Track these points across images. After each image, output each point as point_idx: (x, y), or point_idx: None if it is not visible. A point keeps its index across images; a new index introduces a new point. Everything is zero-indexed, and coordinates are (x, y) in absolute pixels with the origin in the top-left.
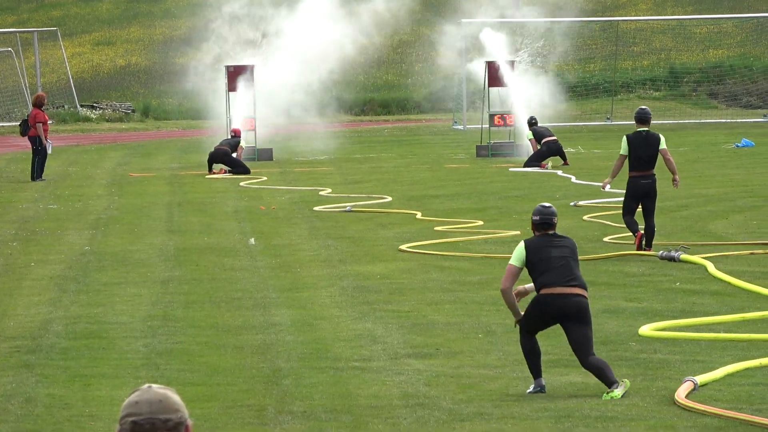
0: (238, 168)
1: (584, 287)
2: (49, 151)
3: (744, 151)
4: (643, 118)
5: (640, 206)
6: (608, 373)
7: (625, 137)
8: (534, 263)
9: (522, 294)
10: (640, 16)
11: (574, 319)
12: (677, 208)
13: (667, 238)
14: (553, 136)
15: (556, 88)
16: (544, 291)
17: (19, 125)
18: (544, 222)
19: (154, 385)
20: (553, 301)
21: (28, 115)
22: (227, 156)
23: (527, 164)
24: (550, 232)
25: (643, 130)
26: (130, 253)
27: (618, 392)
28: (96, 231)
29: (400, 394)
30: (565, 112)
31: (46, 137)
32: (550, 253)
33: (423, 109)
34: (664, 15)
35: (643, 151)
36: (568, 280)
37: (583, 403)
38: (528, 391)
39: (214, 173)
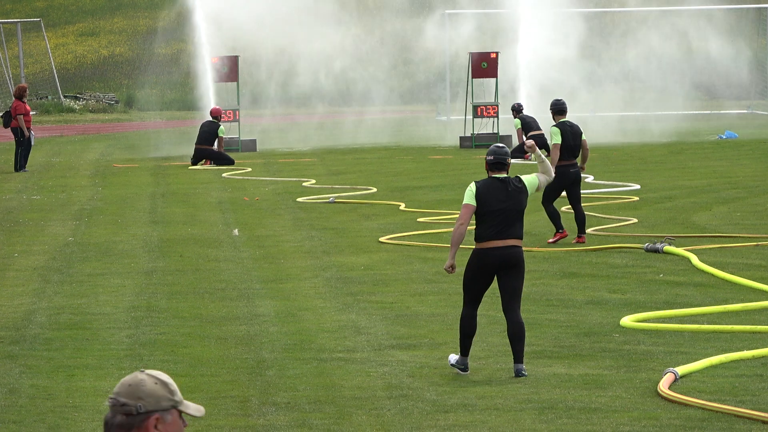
0: (223, 161)
1: (520, 237)
2: (32, 142)
3: (727, 143)
4: (563, 108)
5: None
6: (520, 347)
7: (556, 127)
8: (479, 208)
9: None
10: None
11: (508, 270)
12: (661, 200)
13: (651, 230)
14: (540, 130)
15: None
16: (479, 245)
17: (1, 116)
18: (497, 162)
19: (147, 370)
20: (490, 252)
21: (11, 107)
22: (211, 154)
23: (512, 155)
24: (502, 175)
25: (567, 121)
26: (114, 243)
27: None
28: (79, 222)
29: (384, 385)
30: None
31: (28, 128)
32: (492, 206)
33: (404, 100)
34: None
35: (571, 141)
36: (503, 233)
37: (566, 395)
38: (450, 362)
39: (208, 162)
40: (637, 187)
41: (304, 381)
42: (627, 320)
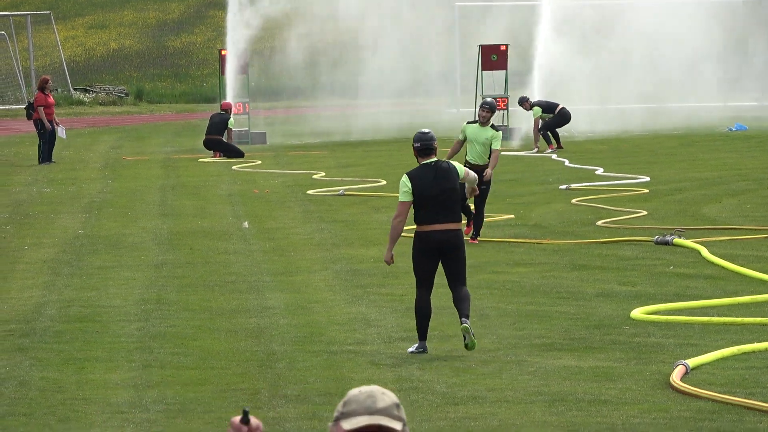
0: (232, 153)
1: (458, 220)
2: (62, 135)
3: (737, 135)
4: (494, 107)
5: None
6: (465, 306)
7: (465, 123)
8: (416, 196)
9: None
10: None
11: (449, 253)
12: (671, 192)
13: (661, 222)
14: (559, 105)
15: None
16: (419, 228)
17: (25, 109)
18: (425, 147)
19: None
20: (430, 235)
21: (34, 98)
22: (220, 144)
23: (542, 129)
24: (432, 160)
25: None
26: (124, 236)
27: (467, 326)
28: (89, 214)
29: (394, 377)
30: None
31: (50, 120)
32: (429, 190)
33: (414, 92)
34: None
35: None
36: (441, 217)
37: (576, 387)
38: (410, 350)
39: (218, 155)
40: (647, 179)
41: (314, 373)
42: (637, 312)
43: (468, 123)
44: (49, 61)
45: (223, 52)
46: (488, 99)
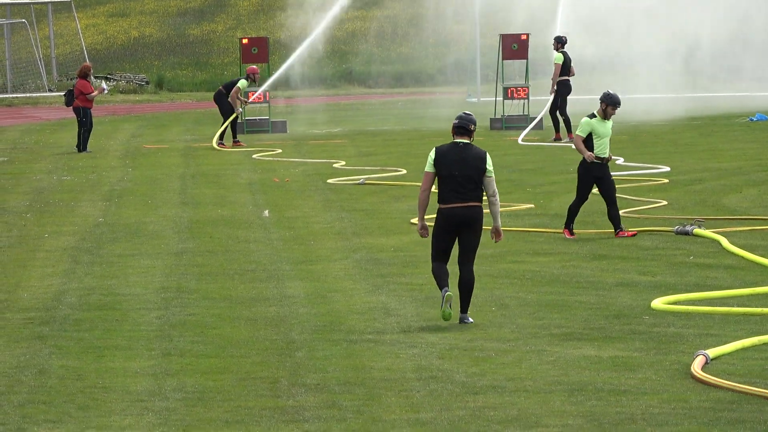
0: (223, 106)
1: (478, 200)
2: (105, 88)
3: (758, 125)
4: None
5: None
6: (466, 299)
7: (587, 118)
8: (439, 172)
9: None
10: None
11: (467, 228)
12: (691, 182)
13: (681, 212)
14: (572, 72)
15: None
16: (441, 206)
17: (64, 95)
18: (460, 126)
19: None
20: (450, 212)
21: (74, 86)
22: (221, 98)
23: (552, 111)
24: (464, 140)
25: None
26: (144, 224)
27: (449, 311)
28: (110, 202)
29: (414, 366)
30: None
31: (88, 108)
32: (451, 170)
33: (436, 82)
34: None
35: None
36: (461, 196)
37: (596, 377)
38: (442, 295)
39: (224, 146)
40: (668, 169)
41: (334, 362)
42: (657, 302)
43: (590, 117)
44: (69, 49)
45: (243, 41)
46: (610, 93)
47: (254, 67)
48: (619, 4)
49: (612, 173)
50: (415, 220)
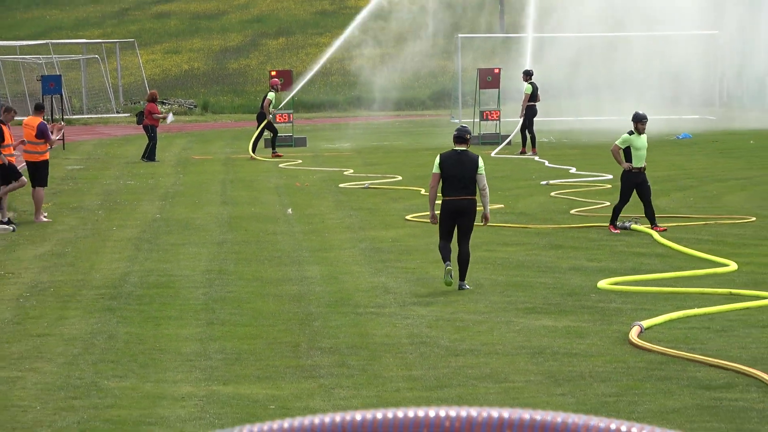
0: (260, 122)
1: (473, 194)
2: (171, 119)
3: (683, 142)
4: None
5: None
6: (464, 269)
7: (627, 134)
8: (443, 172)
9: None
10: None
11: (462, 215)
12: None
13: (624, 211)
14: (539, 100)
15: None
16: (444, 198)
17: (136, 116)
18: (457, 136)
19: None
20: (450, 203)
21: (144, 108)
22: (261, 116)
23: (521, 130)
24: (462, 148)
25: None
26: (192, 220)
27: (449, 280)
28: (165, 202)
29: (407, 334)
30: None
31: (154, 125)
32: (452, 171)
33: (426, 107)
34: None
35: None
36: (460, 191)
37: (552, 342)
38: (445, 267)
39: (279, 155)
40: (611, 176)
41: (343, 330)
42: (602, 283)
43: (629, 134)
44: (133, 79)
45: (272, 73)
46: (640, 112)
47: (275, 79)
48: (581, 43)
49: (566, 179)
50: (410, 217)
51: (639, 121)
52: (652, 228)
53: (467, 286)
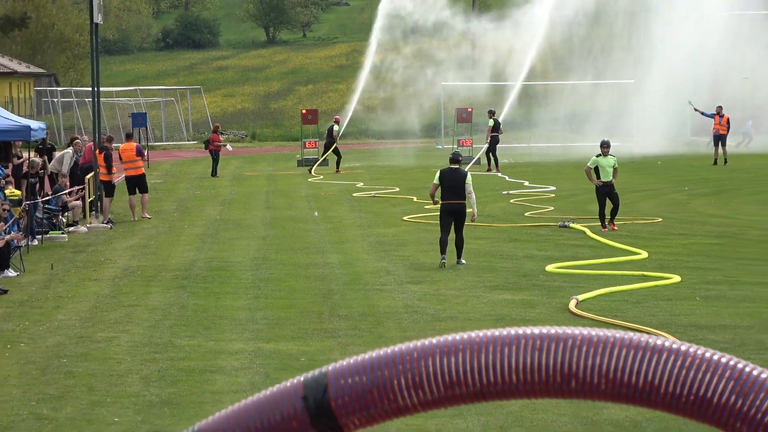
0: (327, 148)
1: (463, 198)
2: (230, 149)
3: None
4: (607, 145)
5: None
6: (460, 251)
7: (595, 157)
8: (442, 183)
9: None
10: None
11: (456, 215)
12: (568, 196)
13: (562, 214)
14: (501, 131)
15: None
16: (442, 202)
17: (204, 143)
18: (453, 158)
19: None
20: (447, 206)
21: (209, 137)
22: (329, 144)
23: (486, 153)
24: (455, 166)
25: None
26: (244, 220)
27: (443, 260)
28: (223, 207)
29: (403, 305)
30: None
31: (217, 150)
32: (448, 182)
33: (417, 135)
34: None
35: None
36: (453, 196)
37: (511, 311)
38: (441, 257)
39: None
40: (554, 188)
41: (356, 302)
42: (549, 267)
43: (597, 156)
44: (199, 115)
45: (303, 111)
46: (605, 139)
47: (337, 117)
48: (531, 89)
49: (522, 190)
50: (406, 218)
51: (603, 146)
52: (609, 223)
53: (463, 262)
